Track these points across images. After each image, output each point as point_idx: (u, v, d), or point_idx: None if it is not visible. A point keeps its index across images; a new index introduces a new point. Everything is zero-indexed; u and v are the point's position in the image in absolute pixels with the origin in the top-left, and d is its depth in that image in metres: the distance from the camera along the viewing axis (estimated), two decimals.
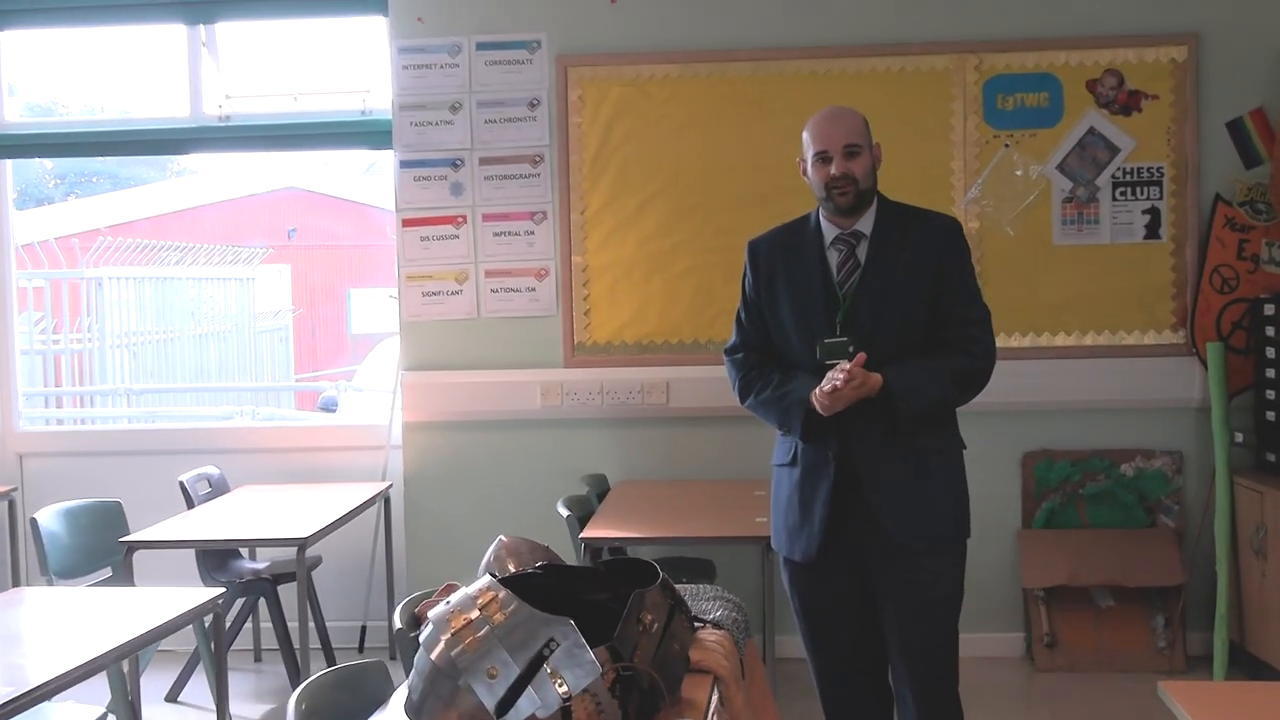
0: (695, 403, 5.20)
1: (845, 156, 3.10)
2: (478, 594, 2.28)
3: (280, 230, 16.68)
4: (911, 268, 3.12)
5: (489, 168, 5.26)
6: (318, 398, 10.28)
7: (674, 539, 4.32)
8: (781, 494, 3.25)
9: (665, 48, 5.19)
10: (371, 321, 17.65)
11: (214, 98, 5.56)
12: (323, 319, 17.00)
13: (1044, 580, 5.08)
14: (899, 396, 3.01)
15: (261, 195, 16.48)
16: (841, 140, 3.10)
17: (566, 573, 2.57)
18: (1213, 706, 2.30)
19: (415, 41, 5.26)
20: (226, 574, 4.98)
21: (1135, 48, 5.05)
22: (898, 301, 3.10)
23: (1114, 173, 5.08)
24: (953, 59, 5.10)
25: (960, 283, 3.16)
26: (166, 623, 3.20)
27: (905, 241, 3.15)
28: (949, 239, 3.18)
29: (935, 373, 3.07)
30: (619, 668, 2.23)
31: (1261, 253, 5.03)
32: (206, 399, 9.74)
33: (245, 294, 11.31)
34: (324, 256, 17.33)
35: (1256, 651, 4.73)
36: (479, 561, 5.15)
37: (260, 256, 11.96)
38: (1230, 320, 5.04)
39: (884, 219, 3.19)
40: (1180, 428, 5.13)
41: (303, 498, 5.07)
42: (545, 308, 5.28)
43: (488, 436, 5.29)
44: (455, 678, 2.20)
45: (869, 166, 3.13)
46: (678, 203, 5.20)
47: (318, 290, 16.96)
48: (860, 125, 3.15)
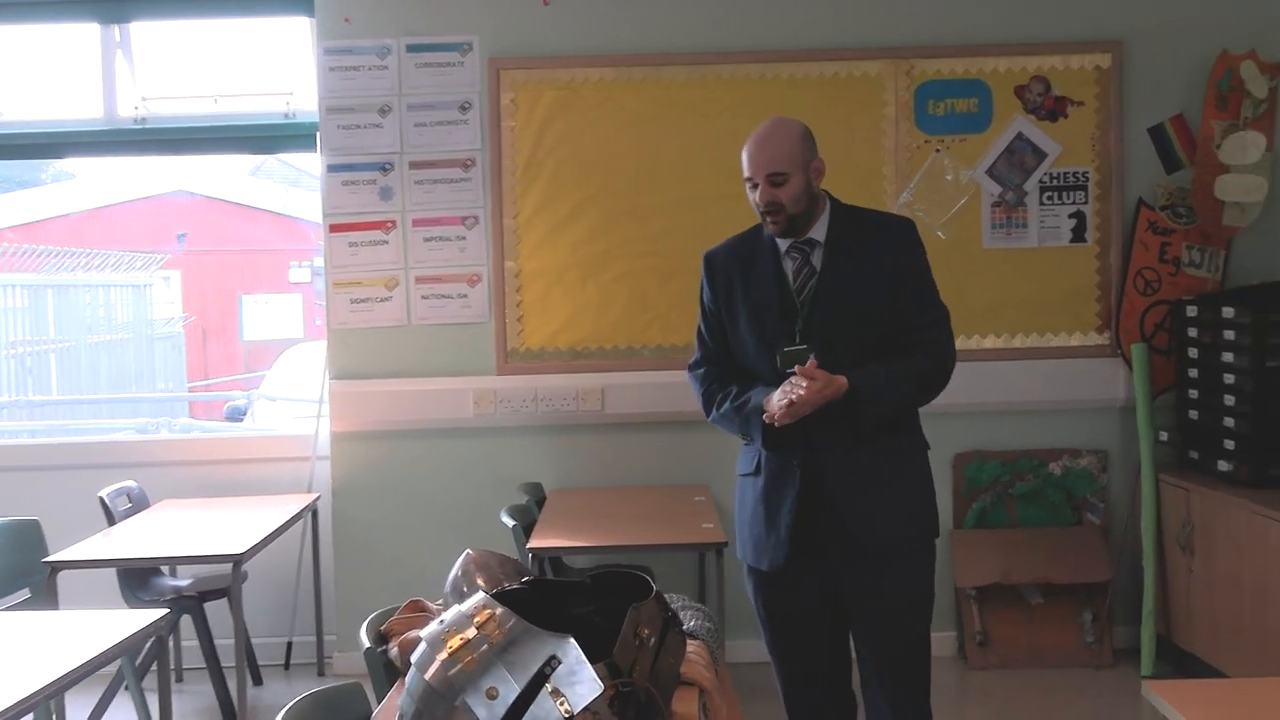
0: (631, 408, 5.17)
1: (770, 185, 3.04)
2: (473, 612, 2.21)
3: (168, 235, 16.28)
4: (868, 271, 3.09)
5: (419, 172, 5.16)
6: (223, 407, 10.03)
7: (628, 547, 4.27)
8: (747, 504, 3.22)
9: (599, 51, 5.14)
10: (265, 328, 17.34)
11: (130, 99, 5.38)
12: (214, 326, 16.64)
13: (976, 579, 5.15)
14: (863, 399, 2.98)
15: (148, 199, 16.07)
16: (765, 168, 3.05)
17: (551, 587, 2.51)
18: (1204, 703, 2.33)
19: (342, 43, 5.14)
20: (149, 592, 4.80)
21: (1061, 55, 5.15)
22: (856, 306, 3.08)
23: (1041, 177, 5.17)
24: (885, 65, 5.14)
25: (918, 283, 3.14)
26: (113, 647, 3.07)
27: (860, 245, 3.12)
28: (904, 239, 3.16)
29: (897, 374, 3.05)
30: (618, 684, 2.18)
31: (1182, 256, 5.16)
32: (105, 410, 9.42)
33: (141, 301, 10.98)
34: (214, 262, 16.95)
35: (1183, 644, 4.85)
36: (412, 573, 5.09)
37: (158, 262, 11.61)
38: (1153, 322, 5.16)
39: (837, 224, 3.15)
40: (1105, 427, 5.24)
41: (227, 512, 4.92)
42: (478, 314, 5.20)
43: (419, 446, 5.20)
44: (451, 698, 2.13)
45: (800, 189, 3.06)
46: (612, 207, 5.16)
47: (209, 296, 16.58)
48: (789, 150, 3.05)
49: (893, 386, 3.05)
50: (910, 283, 3.12)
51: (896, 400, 3.08)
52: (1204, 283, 5.14)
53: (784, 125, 3.12)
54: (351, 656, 5.18)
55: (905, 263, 3.13)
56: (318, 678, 5.24)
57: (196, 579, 4.94)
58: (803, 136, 3.09)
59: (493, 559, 2.96)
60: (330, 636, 5.29)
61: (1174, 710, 2.32)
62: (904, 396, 3.09)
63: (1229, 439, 4.67)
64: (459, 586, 2.90)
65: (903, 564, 3.13)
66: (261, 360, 15.31)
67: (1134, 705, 4.77)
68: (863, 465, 3.07)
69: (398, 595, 4.19)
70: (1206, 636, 4.68)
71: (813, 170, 3.10)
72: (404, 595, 3.50)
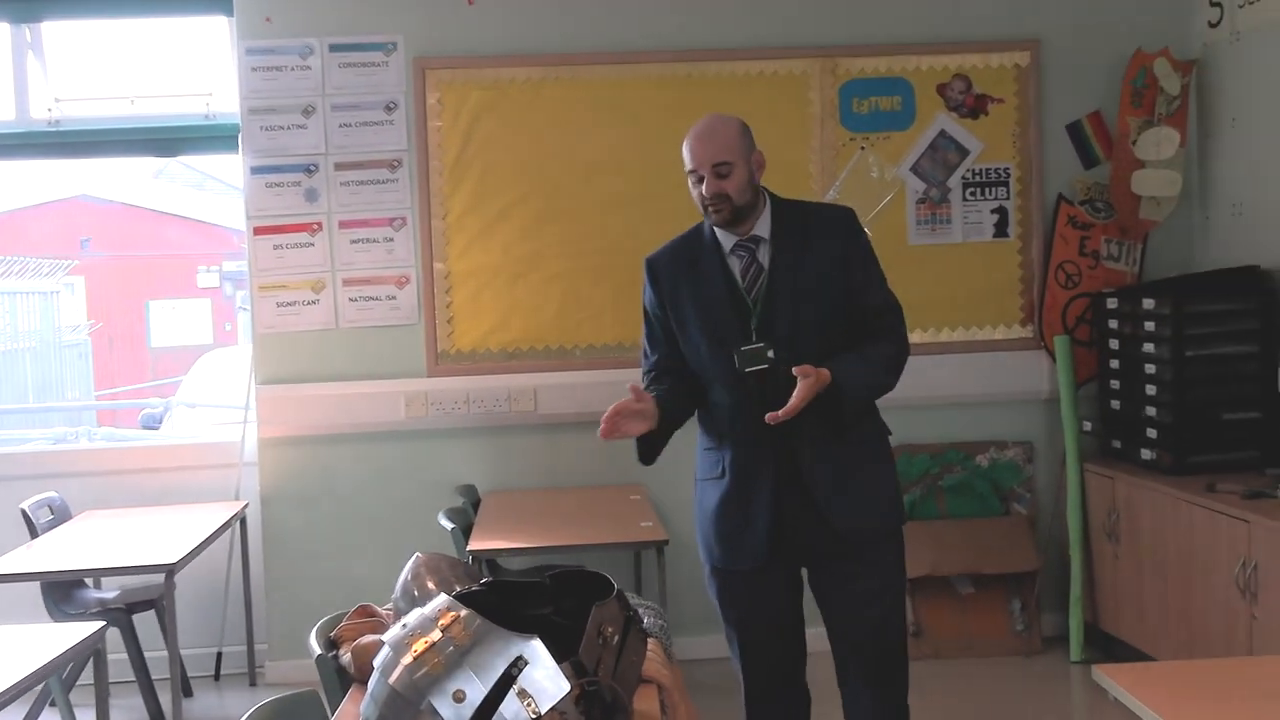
0: (564, 409, 5.15)
1: (716, 176, 3.03)
2: (437, 614, 2.19)
3: (72, 241, 15.92)
4: (818, 263, 3.08)
5: (345, 173, 5.10)
6: (138, 415, 9.81)
7: (571, 547, 4.25)
8: (709, 506, 3.19)
9: (525, 50, 5.12)
10: (173, 334, 17.02)
11: (42, 101, 5.24)
12: (120, 333, 16.30)
13: (908, 571, 5.19)
14: (846, 389, 2.96)
15: (50, 204, 15.69)
16: (710, 159, 3.03)
17: (510, 588, 2.49)
18: (1149, 684, 2.39)
19: (264, 43, 5.06)
20: (74, 605, 4.69)
21: (981, 53, 5.23)
22: (811, 299, 3.07)
23: (964, 174, 5.26)
24: (810, 63, 5.18)
25: (867, 270, 3.14)
26: (52, 660, 2.99)
27: (805, 238, 3.11)
28: (848, 228, 3.16)
29: (870, 361, 3.05)
30: (584, 683, 2.18)
31: (1101, 249, 5.27)
32: (13, 421, 9.17)
33: (48, 309, 10.70)
34: (120, 267, 16.62)
35: (1110, 629, 4.96)
36: (345, 580, 5.03)
37: (65, 269, 11.34)
38: (1074, 314, 5.27)
39: (780, 219, 3.14)
40: (1030, 419, 5.34)
41: (152, 521, 4.82)
42: (407, 316, 5.15)
43: (351, 450, 5.13)
44: (417, 702, 2.12)
45: (744, 181, 3.05)
46: (542, 207, 5.14)
47: (114, 303, 16.24)
48: (732, 141, 3.05)
49: (871, 374, 3.05)
50: (859, 270, 3.12)
51: (875, 387, 3.08)
52: (1122, 275, 5.26)
53: (724, 119, 3.12)
54: (284, 665, 5.11)
55: (853, 251, 3.12)
56: (249, 688, 5.14)
57: (123, 590, 4.83)
58: (742, 130, 3.10)
59: (443, 562, 2.93)
60: (261, 646, 5.21)
61: (1125, 692, 2.37)
62: (878, 383, 3.09)
63: (1151, 428, 4.78)
64: (409, 590, 2.87)
65: (879, 551, 3.15)
66: (170, 367, 15.02)
67: (1064, 690, 4.87)
68: (837, 456, 3.06)
69: (331, 602, 4.15)
70: (1133, 621, 4.78)
71: (754, 162, 3.10)
72: (337, 602, 3.47)
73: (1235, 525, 4.05)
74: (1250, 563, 3.95)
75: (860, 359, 3.04)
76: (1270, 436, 4.63)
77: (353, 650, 2.69)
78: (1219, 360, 4.65)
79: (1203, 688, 2.42)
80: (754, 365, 3.01)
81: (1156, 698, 2.30)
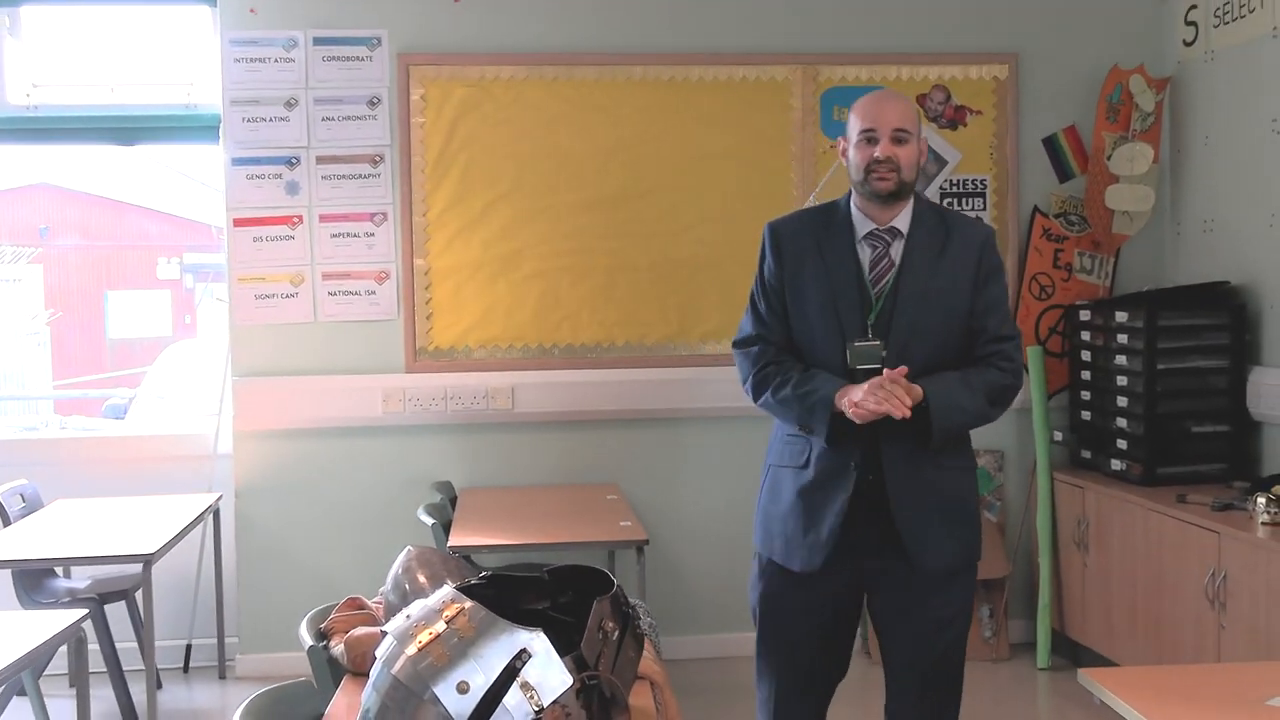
0: (542, 407, 5.17)
1: (893, 141, 2.86)
2: (441, 606, 2.20)
3: (29, 228, 15.74)
4: (950, 275, 2.94)
5: (326, 167, 5.09)
6: (101, 406, 9.71)
7: (553, 545, 4.24)
8: (783, 497, 3.00)
9: (510, 49, 5.13)
10: (132, 325, 16.85)
11: (20, 86, 5.19)
12: (78, 323, 16.13)
13: None
14: (936, 410, 2.81)
15: (7, 191, 15.51)
16: (892, 123, 2.87)
17: (508, 582, 2.50)
18: (1133, 687, 2.43)
19: (247, 34, 5.04)
20: (44, 595, 4.64)
21: (961, 65, 5.30)
22: (935, 308, 2.92)
23: (942, 184, 5.32)
24: (792, 70, 5.23)
25: (997, 296, 2.98)
26: (36, 648, 2.97)
27: (944, 246, 2.95)
28: (988, 249, 3.00)
29: (971, 386, 2.89)
30: (584, 677, 2.20)
31: (1074, 262, 5.35)
32: None
33: (5, 297, 10.56)
34: (78, 257, 16.45)
35: (1076, 637, 5.03)
36: (319, 574, 5.02)
37: (27, 256, 11.20)
38: (1047, 325, 5.35)
39: (921, 218, 2.97)
40: (1002, 428, 5.38)
41: (126, 511, 4.78)
42: (386, 311, 5.14)
43: (327, 445, 5.12)
44: (420, 692, 2.12)
45: (914, 158, 2.90)
46: (523, 206, 5.15)
47: (72, 293, 16.08)
48: (913, 113, 2.93)
49: (966, 399, 2.88)
50: (990, 295, 2.97)
51: (968, 414, 2.90)
52: (1095, 289, 5.34)
53: (901, 94, 3.01)
54: (254, 659, 5.09)
55: (988, 273, 2.97)
56: (219, 680, 5.12)
57: (95, 580, 4.79)
58: (918, 110, 3.07)
59: (435, 555, 2.94)
60: (231, 639, 5.18)
61: (1112, 695, 2.42)
62: (975, 411, 2.91)
63: (1121, 439, 4.85)
64: (400, 584, 2.88)
65: (951, 587, 2.97)
66: (128, 358, 14.88)
67: (1031, 696, 4.93)
68: (927, 482, 2.90)
69: (304, 596, 4.17)
70: (1100, 629, 4.85)
71: (922, 146, 2.96)
72: (311, 597, 3.47)
73: (1205, 536, 4.12)
74: (1220, 573, 4.03)
75: (960, 380, 2.89)
76: (1238, 450, 4.72)
77: (346, 642, 2.69)
78: (1190, 374, 4.74)
79: (1186, 691, 2.47)
80: (866, 363, 2.89)
81: (1144, 701, 2.35)
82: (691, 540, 5.26)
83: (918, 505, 2.89)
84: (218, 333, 5.57)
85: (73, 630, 3.15)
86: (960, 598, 3.00)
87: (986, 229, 3.10)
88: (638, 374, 5.18)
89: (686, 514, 5.26)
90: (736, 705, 4.49)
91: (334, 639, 2.79)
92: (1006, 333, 2.97)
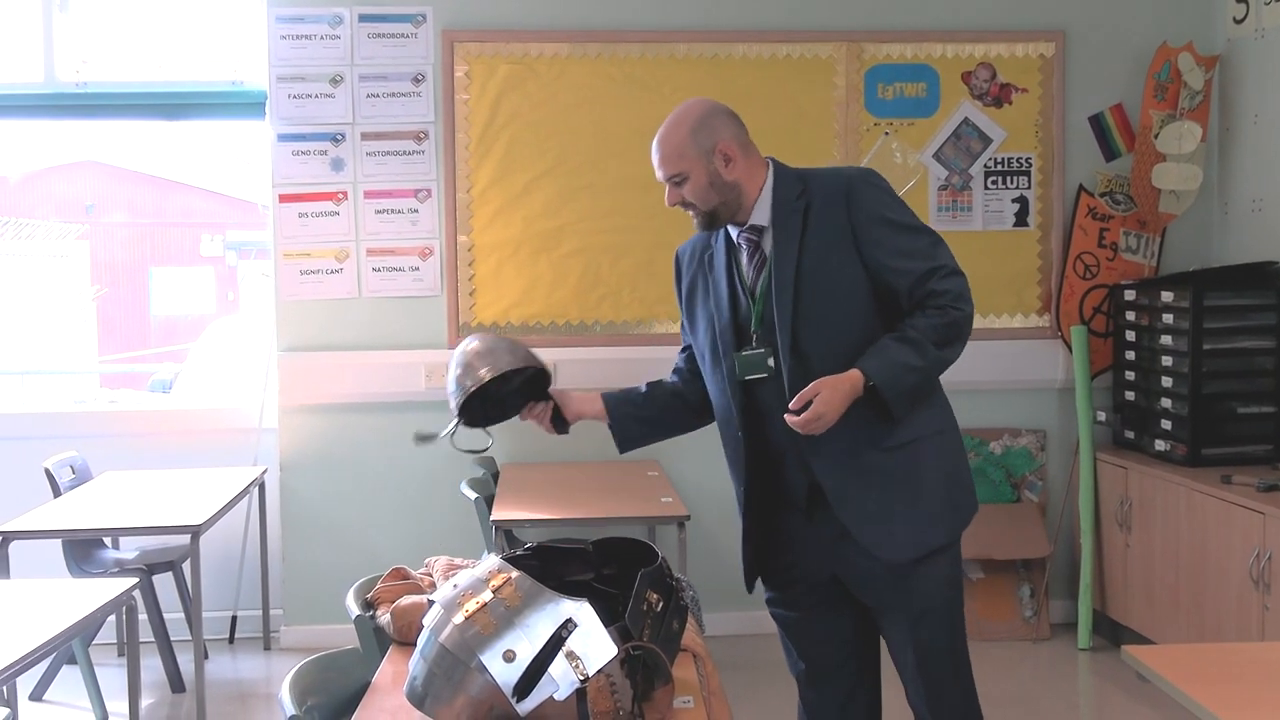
0: (582, 384, 5.14)
1: (672, 185, 2.75)
2: (488, 576, 2.23)
3: (77, 205, 15.91)
4: (820, 244, 2.68)
5: (371, 143, 5.12)
6: (147, 380, 9.84)
7: (596, 520, 4.26)
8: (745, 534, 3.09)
9: (554, 26, 5.14)
10: (175, 302, 17.02)
11: (70, 63, 5.25)
12: (123, 299, 16.31)
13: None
14: (882, 382, 2.60)
15: (55, 169, 15.67)
16: (660, 173, 2.77)
17: (553, 553, 2.53)
18: (1178, 665, 2.42)
19: (294, 10, 5.07)
20: (94, 565, 4.73)
21: (1007, 42, 5.26)
22: (816, 289, 2.68)
23: (986, 162, 5.28)
24: (836, 47, 5.20)
25: (886, 235, 2.68)
26: (88, 615, 3.03)
27: (806, 216, 2.70)
28: (855, 194, 2.69)
29: (908, 340, 2.63)
30: (629, 647, 2.22)
31: (1120, 241, 5.31)
32: (18, 383, 9.18)
33: (55, 273, 10.71)
34: (124, 233, 16.61)
35: (1118, 617, 5.01)
36: (362, 547, 5.07)
37: (75, 233, 11.34)
38: (1091, 305, 5.31)
39: (783, 200, 2.74)
40: (1045, 407, 5.38)
41: (173, 483, 4.85)
42: (429, 287, 5.18)
43: (370, 419, 5.16)
44: (468, 660, 2.15)
45: (704, 184, 2.71)
46: (566, 183, 5.16)
47: (118, 269, 16.26)
48: (678, 147, 2.71)
49: (912, 356, 2.62)
50: (883, 234, 2.67)
51: (921, 370, 2.63)
52: (1140, 268, 5.30)
53: (674, 120, 2.75)
54: (299, 630, 5.16)
55: (862, 217, 2.68)
56: (264, 651, 5.19)
57: (142, 552, 4.87)
58: (695, 127, 2.71)
59: (499, 343, 2.97)
60: (276, 611, 5.24)
61: (1156, 673, 2.41)
62: (930, 361, 2.64)
63: (1165, 419, 4.82)
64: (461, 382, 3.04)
65: (922, 579, 2.78)
66: (171, 335, 15.04)
67: (1071, 675, 4.92)
68: (869, 470, 2.72)
69: (348, 569, 4.20)
70: (1142, 609, 4.83)
71: (718, 156, 2.71)
72: (354, 569, 3.49)
73: (1250, 517, 4.10)
74: (1265, 554, 4.00)
75: (898, 340, 2.64)
76: None
77: (393, 611, 2.72)
78: (1236, 354, 4.70)
79: (1231, 670, 2.46)
80: (754, 373, 2.74)
81: (1188, 680, 2.34)
82: (732, 517, 5.24)
83: (862, 499, 2.73)
84: (261, 309, 5.61)
85: (124, 599, 3.20)
86: (933, 589, 2.79)
87: (849, 172, 2.82)
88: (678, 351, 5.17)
89: (727, 491, 5.24)
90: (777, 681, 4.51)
91: (380, 608, 2.82)
92: (931, 267, 2.67)
